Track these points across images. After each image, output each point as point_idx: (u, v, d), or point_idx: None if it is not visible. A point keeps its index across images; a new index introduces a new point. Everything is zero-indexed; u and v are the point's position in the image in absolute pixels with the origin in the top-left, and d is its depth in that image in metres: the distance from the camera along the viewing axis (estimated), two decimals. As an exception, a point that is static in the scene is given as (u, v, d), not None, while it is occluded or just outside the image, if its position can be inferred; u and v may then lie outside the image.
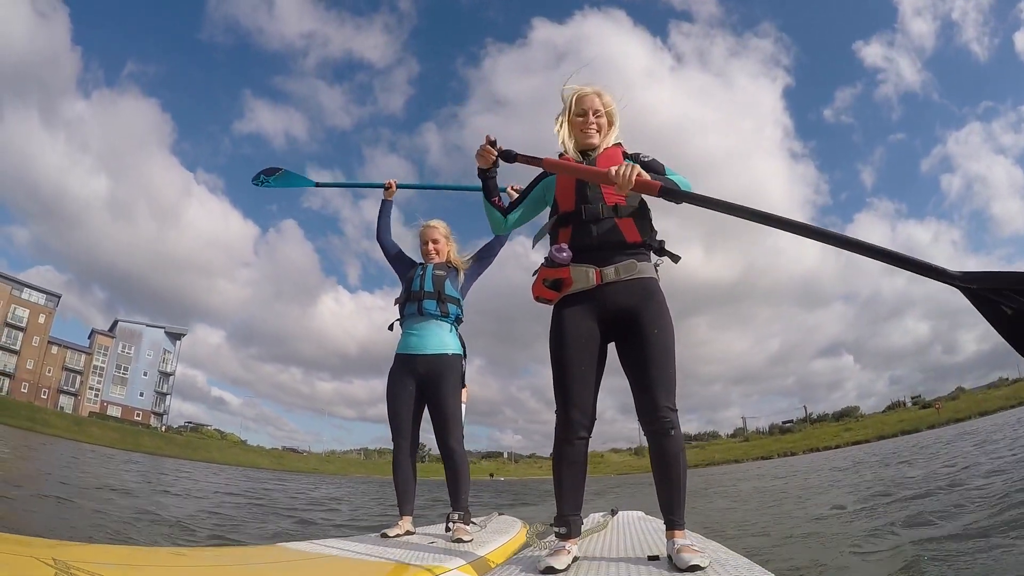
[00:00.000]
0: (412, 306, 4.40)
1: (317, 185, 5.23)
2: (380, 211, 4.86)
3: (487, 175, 3.22)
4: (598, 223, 2.90)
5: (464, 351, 4.47)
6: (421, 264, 4.58)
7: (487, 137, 3.15)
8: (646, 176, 2.70)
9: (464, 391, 4.43)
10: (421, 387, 4.29)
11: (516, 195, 3.57)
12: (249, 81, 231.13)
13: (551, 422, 2.89)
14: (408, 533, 4.12)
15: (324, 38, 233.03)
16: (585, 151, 3.12)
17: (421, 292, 4.39)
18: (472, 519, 4.36)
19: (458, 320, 4.50)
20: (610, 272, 2.85)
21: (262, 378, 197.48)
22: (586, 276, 2.86)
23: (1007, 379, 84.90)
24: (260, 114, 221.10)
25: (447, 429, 4.22)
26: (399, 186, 4.80)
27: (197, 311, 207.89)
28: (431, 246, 4.58)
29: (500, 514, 5.80)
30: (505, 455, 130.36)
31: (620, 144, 3.15)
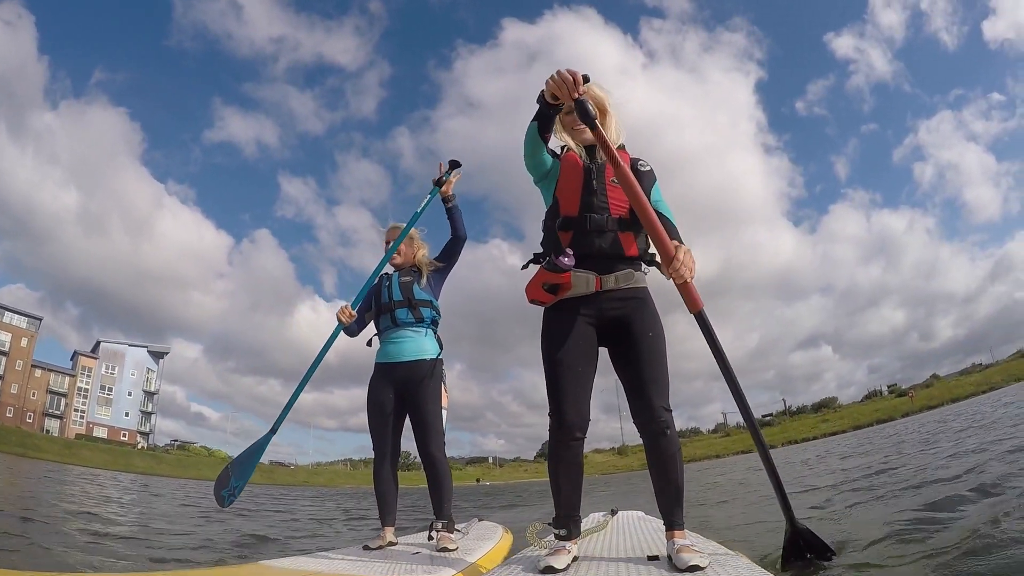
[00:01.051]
0: (385, 318, 4.30)
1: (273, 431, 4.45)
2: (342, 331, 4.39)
3: (554, 108, 2.71)
4: (602, 235, 2.84)
5: (441, 351, 4.34)
6: (386, 275, 4.46)
7: (575, 74, 2.50)
8: (693, 290, 2.72)
9: (444, 396, 4.28)
10: (401, 395, 4.17)
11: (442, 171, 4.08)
12: (219, 88, 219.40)
13: (534, 425, 2.90)
14: (391, 544, 4.00)
15: (294, 42, 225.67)
16: (589, 148, 2.95)
17: (391, 303, 4.28)
18: (456, 527, 4.22)
19: (434, 323, 4.37)
20: (610, 280, 2.83)
21: (241, 391, 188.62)
22: (586, 283, 2.82)
23: (980, 364, 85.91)
24: (230, 122, 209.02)
25: (427, 436, 4.08)
26: (353, 307, 4.33)
27: (174, 325, 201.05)
28: (403, 246, 4.45)
29: (480, 520, 5.70)
30: (491, 460, 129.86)
31: (624, 149, 2.99)
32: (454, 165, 4.45)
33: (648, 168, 2.97)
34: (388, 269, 4.49)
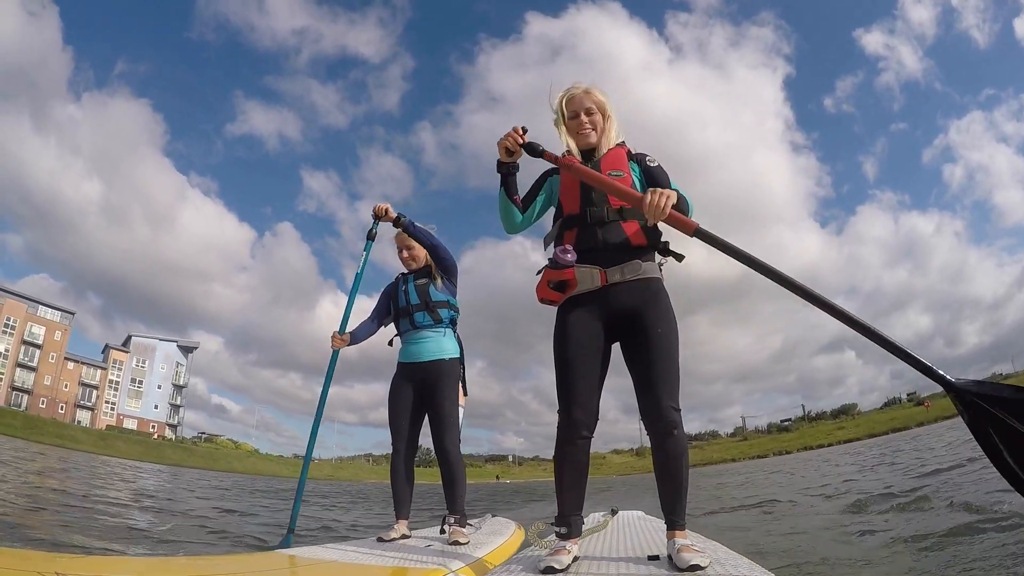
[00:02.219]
0: (404, 322, 4.35)
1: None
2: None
3: (509, 169, 2.94)
4: (604, 226, 2.82)
5: (462, 354, 4.39)
6: (402, 276, 4.51)
7: (516, 128, 2.84)
8: (680, 215, 2.56)
9: (462, 395, 4.33)
10: (420, 393, 4.23)
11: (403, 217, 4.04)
12: (240, 81, 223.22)
13: (553, 424, 2.81)
14: (404, 537, 4.03)
15: (317, 34, 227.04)
16: (586, 152, 3.00)
17: (409, 307, 4.33)
18: (468, 521, 4.26)
19: (453, 322, 4.41)
20: (615, 273, 2.78)
21: (261, 384, 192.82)
22: (591, 277, 2.79)
23: (1001, 375, 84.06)
24: (252, 115, 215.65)
25: (443, 432, 4.12)
26: (344, 333, 4.48)
27: (195, 318, 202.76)
28: (406, 253, 4.47)
29: (494, 515, 5.73)
30: (510, 458, 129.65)
31: (623, 144, 3.03)
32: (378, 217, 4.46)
33: (656, 163, 2.94)
34: (403, 269, 4.53)
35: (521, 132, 2.83)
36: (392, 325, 4.49)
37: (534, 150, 2.83)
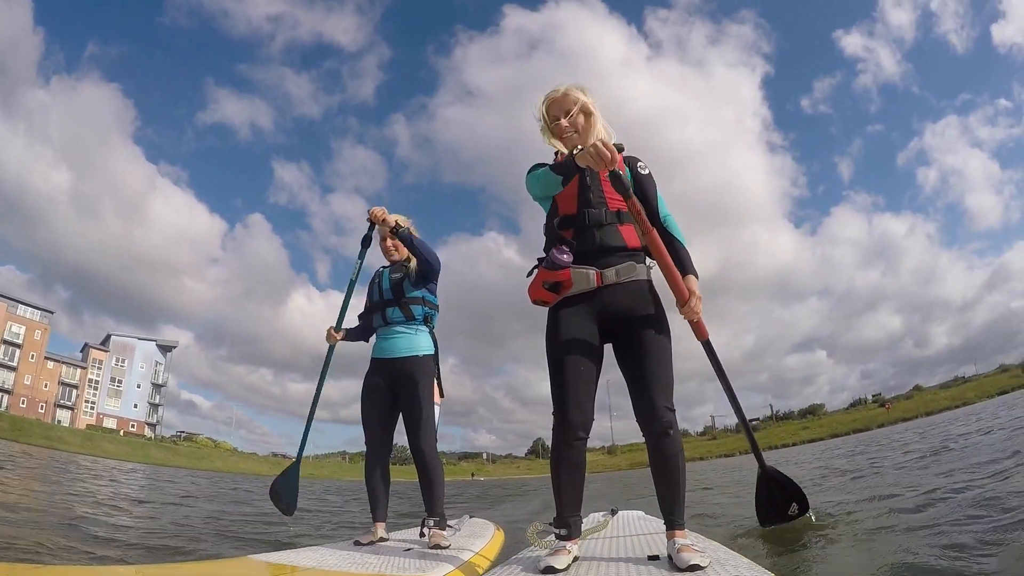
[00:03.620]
0: (377, 317, 4.14)
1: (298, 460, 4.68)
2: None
3: (580, 171, 2.72)
4: (601, 228, 2.78)
5: (436, 351, 4.18)
6: (377, 272, 4.33)
7: (615, 151, 2.56)
8: (703, 325, 2.87)
9: (437, 393, 4.11)
10: (394, 391, 4.02)
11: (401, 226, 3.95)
12: (212, 69, 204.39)
13: (526, 422, 2.78)
14: (382, 540, 3.84)
15: (293, 20, 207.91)
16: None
17: (381, 301, 4.14)
18: (448, 523, 4.04)
19: (427, 319, 4.18)
20: (611, 274, 2.74)
21: (232, 380, 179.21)
22: (587, 278, 2.74)
23: (963, 377, 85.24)
24: (224, 104, 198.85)
25: (419, 433, 3.91)
26: (340, 331, 4.32)
27: (165, 311, 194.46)
28: (390, 243, 4.27)
29: (471, 516, 5.57)
30: (484, 456, 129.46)
31: (622, 149, 2.81)
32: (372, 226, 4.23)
33: (648, 171, 2.90)
34: (385, 262, 4.34)
35: (618, 156, 2.58)
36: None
37: (623, 187, 2.65)
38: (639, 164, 2.90)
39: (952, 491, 4.78)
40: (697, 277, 2.82)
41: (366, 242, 4.27)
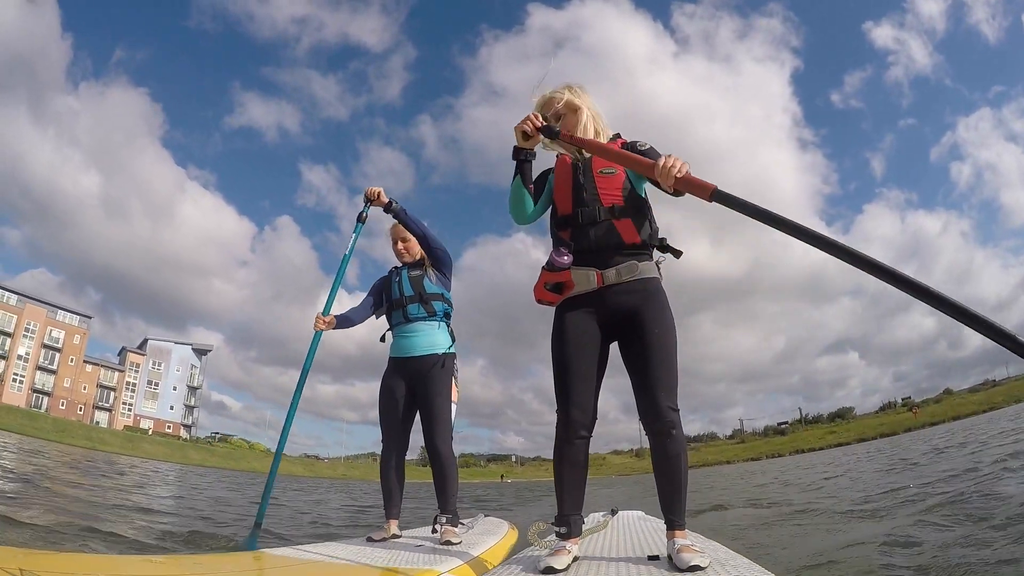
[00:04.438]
0: (397, 314, 4.13)
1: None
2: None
3: (526, 155, 2.81)
4: (596, 226, 2.73)
5: (453, 345, 4.17)
6: (395, 269, 4.31)
7: (534, 112, 2.76)
8: (696, 179, 2.28)
9: (455, 391, 4.12)
10: (412, 389, 4.02)
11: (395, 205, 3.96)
12: (239, 72, 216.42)
13: (554, 423, 2.71)
14: (394, 537, 3.84)
15: (318, 22, 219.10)
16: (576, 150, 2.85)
17: (402, 298, 4.12)
18: (460, 521, 4.05)
19: (446, 316, 4.19)
20: (611, 274, 2.70)
21: (261, 381, 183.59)
22: (587, 279, 2.71)
23: (994, 380, 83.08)
24: (251, 107, 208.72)
25: (434, 429, 3.91)
26: (328, 315, 4.27)
27: (194, 313, 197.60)
28: (401, 245, 4.28)
29: (486, 515, 5.53)
30: (513, 458, 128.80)
31: (619, 136, 2.92)
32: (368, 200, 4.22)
33: (648, 146, 2.78)
34: (397, 263, 4.34)
35: (538, 116, 2.72)
36: (383, 320, 4.29)
37: (551, 131, 2.67)
38: (638, 144, 2.81)
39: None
40: None
41: (361, 218, 4.28)
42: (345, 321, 4.28)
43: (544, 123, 2.71)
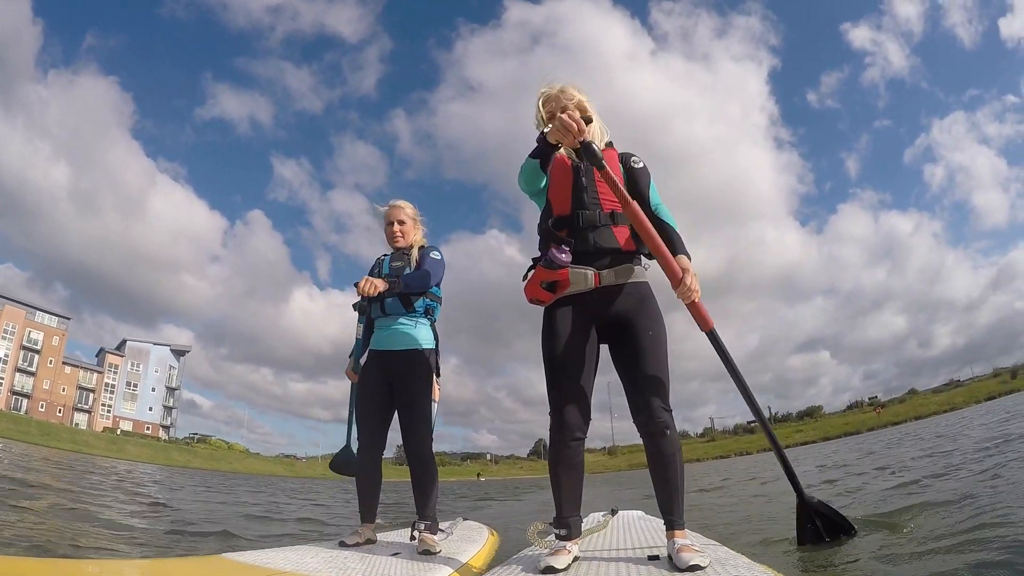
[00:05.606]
0: (375, 307, 3.83)
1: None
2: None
3: (553, 148, 2.68)
4: (595, 230, 2.72)
5: (437, 344, 3.90)
6: (381, 258, 4.02)
7: (581, 121, 2.57)
8: (703, 310, 2.68)
9: (436, 389, 3.85)
10: (391, 385, 3.73)
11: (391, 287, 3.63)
12: (210, 63, 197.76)
13: (528, 422, 2.61)
14: (369, 542, 3.58)
15: (293, 11, 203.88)
16: (575, 150, 2.77)
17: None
18: (440, 527, 3.80)
19: (428, 311, 3.89)
20: (609, 276, 2.70)
21: (233, 379, 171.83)
22: (584, 279, 2.69)
23: (958, 380, 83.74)
24: (223, 99, 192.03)
25: (415, 430, 3.64)
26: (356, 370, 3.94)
27: (166, 310, 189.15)
28: (396, 227, 3.95)
29: (465, 519, 5.29)
30: (488, 456, 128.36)
31: (612, 146, 2.88)
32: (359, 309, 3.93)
33: (641, 165, 2.85)
34: (386, 250, 4.05)
35: (584, 127, 2.57)
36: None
37: (595, 158, 2.55)
38: (632, 159, 2.85)
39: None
40: (690, 258, 2.67)
41: (361, 311, 3.92)
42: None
43: (586, 138, 2.56)
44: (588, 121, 2.64)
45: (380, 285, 3.54)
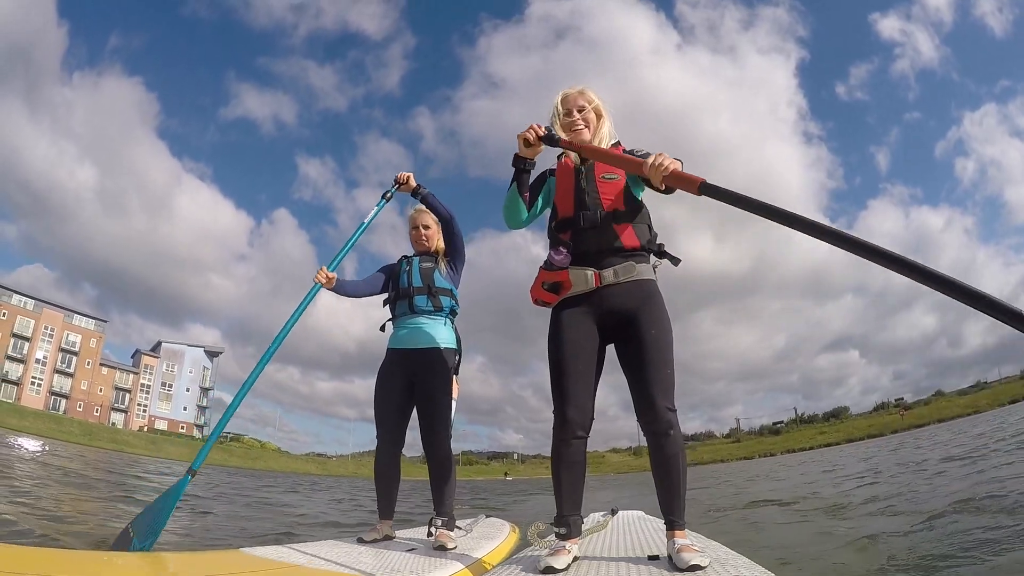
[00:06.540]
0: (403, 304, 3.88)
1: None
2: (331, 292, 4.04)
3: (525, 164, 2.80)
4: (596, 229, 2.72)
5: (459, 345, 3.96)
6: (406, 258, 4.06)
7: (535, 124, 2.74)
8: (682, 172, 2.24)
9: (455, 387, 3.90)
10: (411, 383, 3.77)
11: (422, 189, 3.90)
12: (234, 62, 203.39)
13: (551, 420, 2.68)
14: (387, 538, 3.62)
15: (316, 9, 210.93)
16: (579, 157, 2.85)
17: (410, 288, 3.87)
18: (457, 524, 3.83)
19: (452, 312, 3.96)
20: (609, 275, 2.68)
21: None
22: (585, 279, 2.70)
23: (984, 382, 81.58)
24: (246, 98, 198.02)
25: (433, 427, 3.68)
26: (331, 269, 3.95)
27: (192, 309, 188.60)
28: (422, 231, 4.03)
29: (488, 516, 5.28)
30: (515, 456, 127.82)
31: (619, 144, 2.89)
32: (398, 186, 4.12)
33: (644, 152, 2.72)
34: (409, 252, 4.11)
35: (540, 126, 2.72)
36: (386, 311, 4.03)
37: (552, 139, 2.69)
38: (636, 151, 2.75)
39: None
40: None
41: (386, 196, 4.15)
42: (348, 287, 4.01)
43: (546, 131, 2.70)
44: (555, 141, 2.71)
45: (414, 182, 3.97)
